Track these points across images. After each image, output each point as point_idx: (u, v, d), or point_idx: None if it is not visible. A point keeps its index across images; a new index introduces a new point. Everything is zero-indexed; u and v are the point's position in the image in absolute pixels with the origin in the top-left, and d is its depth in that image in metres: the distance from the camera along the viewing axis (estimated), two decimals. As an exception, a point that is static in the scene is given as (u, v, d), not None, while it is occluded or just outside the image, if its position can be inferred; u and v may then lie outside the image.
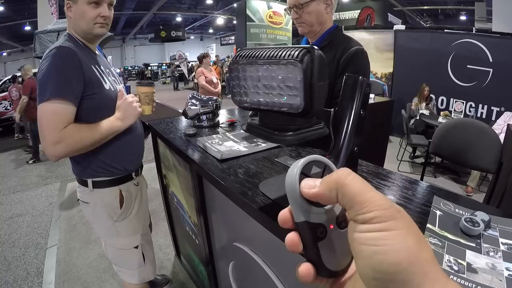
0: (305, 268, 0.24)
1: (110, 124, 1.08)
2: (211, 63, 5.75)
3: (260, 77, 0.56)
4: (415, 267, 0.19)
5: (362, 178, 0.22)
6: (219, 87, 4.36)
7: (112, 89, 1.14)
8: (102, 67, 1.14)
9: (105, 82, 1.11)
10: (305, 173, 0.24)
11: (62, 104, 0.96)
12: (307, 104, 0.52)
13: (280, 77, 0.54)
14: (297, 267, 0.24)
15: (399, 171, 3.66)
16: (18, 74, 6.69)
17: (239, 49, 0.63)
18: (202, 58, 4.35)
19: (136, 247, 1.30)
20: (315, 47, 0.52)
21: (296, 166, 0.24)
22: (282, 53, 0.52)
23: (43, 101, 0.95)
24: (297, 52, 0.51)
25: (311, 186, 0.23)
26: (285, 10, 1.33)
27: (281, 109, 0.56)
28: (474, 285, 0.52)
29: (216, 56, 13.67)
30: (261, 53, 0.55)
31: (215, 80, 4.26)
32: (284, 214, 0.26)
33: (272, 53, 0.54)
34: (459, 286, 0.19)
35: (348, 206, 0.22)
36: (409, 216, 0.21)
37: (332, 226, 0.24)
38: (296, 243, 0.25)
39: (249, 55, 0.58)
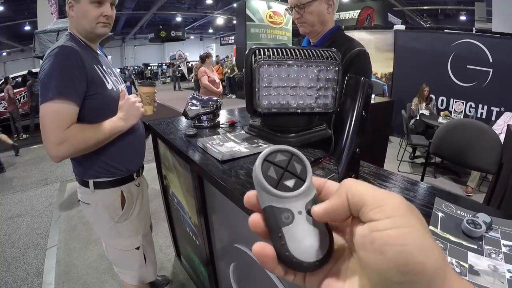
0: (260, 247, 0.23)
1: (113, 124, 1.08)
2: (213, 63, 5.79)
3: (296, 78, 0.53)
4: (438, 267, 0.18)
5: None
6: (221, 87, 4.40)
7: (114, 89, 1.14)
8: (104, 67, 1.13)
9: (108, 82, 1.10)
10: (269, 161, 0.24)
11: (65, 104, 0.96)
12: (336, 102, 0.52)
13: (317, 77, 0.52)
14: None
15: (399, 171, 3.66)
16: (11, 75, 6.74)
17: (253, 47, 0.57)
18: (205, 58, 4.39)
19: (138, 248, 1.30)
20: (334, 49, 0.52)
21: (261, 155, 0.24)
22: (317, 53, 0.52)
23: (45, 101, 0.95)
24: (332, 53, 0.51)
25: (320, 205, 0.23)
26: (286, 9, 1.33)
27: (315, 110, 0.54)
28: (476, 288, 0.52)
29: (216, 56, 13.69)
30: (291, 52, 0.52)
31: (217, 80, 4.29)
32: (250, 196, 0.25)
33: (305, 53, 0.52)
34: (470, 284, 0.19)
35: (360, 204, 0.20)
36: (418, 211, 0.20)
37: (300, 212, 0.23)
38: (258, 224, 0.24)
39: (277, 54, 0.54)
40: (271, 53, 0.54)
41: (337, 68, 0.51)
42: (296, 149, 0.25)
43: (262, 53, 0.55)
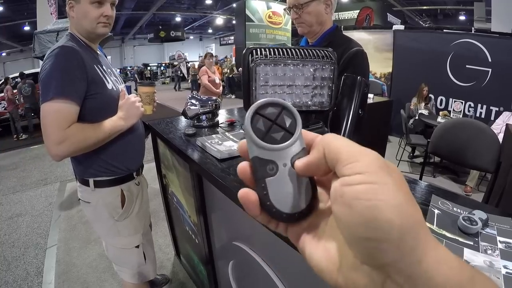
0: (244, 192, 0.23)
1: (113, 123, 1.09)
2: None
3: (292, 77, 0.54)
4: (408, 227, 0.17)
5: None
6: (221, 87, 4.43)
7: (114, 89, 1.15)
8: (104, 67, 1.14)
9: (108, 82, 1.11)
10: (259, 113, 0.25)
11: (66, 103, 0.97)
12: (332, 101, 0.53)
13: (312, 76, 0.53)
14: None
15: (398, 170, 3.67)
16: (11, 76, 6.77)
17: (251, 47, 0.58)
18: (204, 58, 4.48)
19: (137, 246, 1.31)
20: (330, 48, 0.53)
21: (252, 106, 0.25)
22: (313, 52, 0.52)
23: (46, 101, 0.95)
24: (328, 52, 0.52)
25: (302, 159, 0.23)
26: (284, 10, 1.33)
27: (311, 108, 0.55)
28: (471, 283, 0.52)
29: (215, 56, 13.70)
30: (287, 52, 0.53)
31: (217, 81, 4.31)
32: (242, 145, 0.26)
33: (301, 52, 0.53)
34: (449, 251, 0.18)
35: (335, 159, 0.20)
36: (400, 172, 0.20)
37: (285, 165, 0.24)
38: (245, 171, 0.24)
39: (273, 54, 0.55)
40: (267, 52, 0.55)
41: (332, 67, 0.51)
42: (287, 103, 0.25)
43: (259, 52, 0.56)
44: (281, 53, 0.54)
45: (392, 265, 0.17)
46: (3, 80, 6.89)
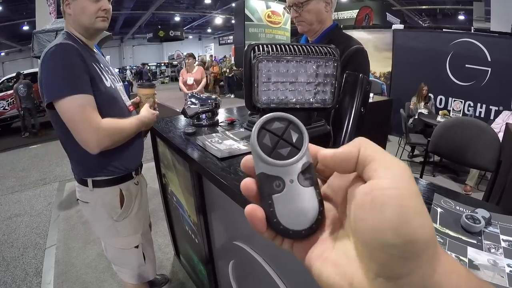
0: (251, 208, 0.23)
1: (140, 123, 1.18)
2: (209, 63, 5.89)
3: (295, 74, 0.54)
4: (432, 236, 0.17)
5: None
6: (199, 88, 4.41)
7: (113, 87, 1.14)
8: (101, 65, 1.13)
9: (106, 80, 1.11)
10: (266, 128, 0.24)
11: (84, 95, 0.98)
12: (335, 98, 0.52)
13: (315, 73, 0.52)
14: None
15: (398, 170, 3.67)
16: (10, 75, 6.79)
17: (252, 44, 0.58)
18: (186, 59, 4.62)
19: (137, 246, 1.30)
20: (333, 45, 0.52)
21: (258, 121, 0.24)
22: (316, 49, 0.52)
23: (61, 98, 0.95)
24: (331, 49, 0.51)
25: (330, 150, 0.23)
26: (284, 8, 1.33)
27: (313, 105, 0.54)
28: (475, 282, 0.52)
29: (210, 56, 13.80)
30: (290, 48, 0.53)
31: (189, 82, 4.35)
32: (248, 160, 0.25)
33: (304, 49, 0.52)
34: (455, 259, 0.19)
35: (369, 160, 0.20)
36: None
37: (292, 181, 0.23)
38: (249, 187, 0.24)
39: (276, 50, 0.54)
40: (270, 49, 0.55)
41: (335, 64, 0.51)
42: (294, 117, 0.25)
43: (261, 49, 0.55)
44: (283, 50, 0.53)
45: (406, 277, 0.17)
46: (1, 80, 6.91)
